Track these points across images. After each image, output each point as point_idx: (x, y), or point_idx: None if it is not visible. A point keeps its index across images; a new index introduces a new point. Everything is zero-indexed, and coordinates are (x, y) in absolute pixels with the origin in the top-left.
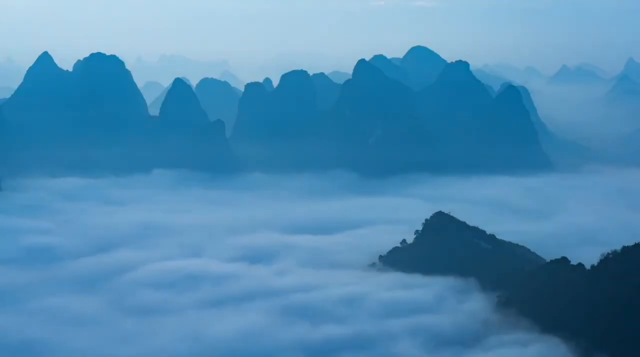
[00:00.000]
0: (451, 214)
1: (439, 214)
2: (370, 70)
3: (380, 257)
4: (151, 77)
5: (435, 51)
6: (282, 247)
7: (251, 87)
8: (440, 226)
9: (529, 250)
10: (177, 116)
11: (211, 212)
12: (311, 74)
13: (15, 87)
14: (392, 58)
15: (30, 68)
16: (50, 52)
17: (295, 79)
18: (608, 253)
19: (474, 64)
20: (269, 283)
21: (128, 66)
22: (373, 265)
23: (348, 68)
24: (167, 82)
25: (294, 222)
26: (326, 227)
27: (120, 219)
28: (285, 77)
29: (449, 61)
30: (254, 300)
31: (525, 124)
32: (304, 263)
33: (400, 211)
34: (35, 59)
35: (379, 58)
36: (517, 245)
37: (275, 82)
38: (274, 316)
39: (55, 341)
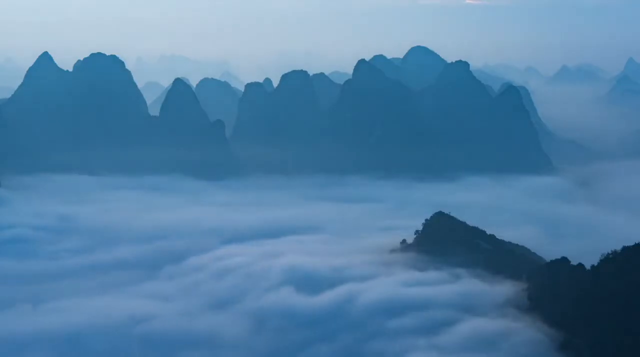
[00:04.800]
0: (451, 214)
1: (439, 214)
2: (370, 70)
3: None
4: (151, 77)
5: (435, 51)
6: (277, 248)
7: (251, 87)
8: (440, 226)
9: (529, 250)
10: (177, 116)
11: (211, 213)
12: (311, 74)
13: (15, 87)
14: (392, 58)
15: (30, 68)
16: (50, 52)
17: (295, 79)
18: (608, 253)
19: (474, 64)
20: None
21: (128, 66)
22: (373, 264)
23: (348, 68)
24: (167, 82)
25: (294, 222)
26: (326, 227)
27: (121, 219)
28: (285, 77)
29: (449, 61)
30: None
31: (525, 124)
32: (306, 263)
33: (400, 211)
34: (35, 59)
35: (379, 58)
36: (517, 245)
37: (275, 82)
38: None
39: None
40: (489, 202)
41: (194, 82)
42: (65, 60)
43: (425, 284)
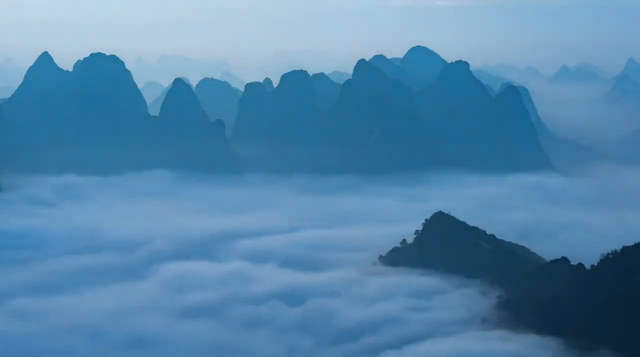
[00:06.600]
0: (451, 214)
1: (439, 214)
2: (370, 70)
3: (380, 257)
4: (151, 77)
5: (435, 51)
6: (278, 247)
7: (251, 87)
8: (440, 226)
9: (529, 250)
10: (177, 116)
11: (210, 213)
12: (311, 74)
13: (15, 87)
14: (392, 58)
15: (30, 68)
16: (50, 52)
17: (295, 79)
18: (608, 253)
19: (474, 64)
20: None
21: (128, 66)
22: (373, 265)
23: (348, 68)
24: (167, 82)
25: (294, 223)
26: (325, 227)
27: (120, 219)
28: (285, 77)
29: (449, 61)
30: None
31: (525, 124)
32: (301, 263)
33: (400, 211)
34: (35, 59)
35: (379, 58)
36: (517, 245)
37: (275, 82)
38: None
39: None
40: (488, 202)
41: (194, 82)
42: (65, 60)
43: (424, 290)
